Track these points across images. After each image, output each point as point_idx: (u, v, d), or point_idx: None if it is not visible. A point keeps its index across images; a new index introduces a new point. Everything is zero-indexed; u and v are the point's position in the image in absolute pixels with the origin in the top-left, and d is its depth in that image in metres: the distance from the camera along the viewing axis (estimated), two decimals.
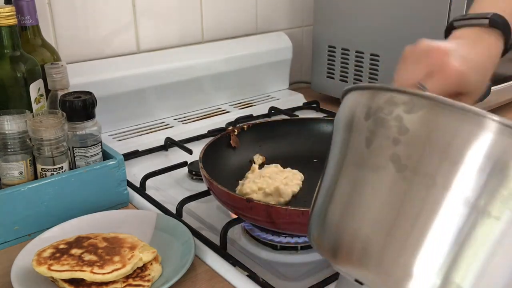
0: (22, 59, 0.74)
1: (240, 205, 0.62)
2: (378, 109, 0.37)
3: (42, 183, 0.68)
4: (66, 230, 0.66)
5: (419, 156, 0.34)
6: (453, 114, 0.34)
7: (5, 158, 0.69)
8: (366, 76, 1.13)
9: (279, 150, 0.84)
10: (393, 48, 1.06)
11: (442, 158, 0.33)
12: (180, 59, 1.07)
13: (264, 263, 0.65)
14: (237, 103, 1.19)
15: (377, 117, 0.37)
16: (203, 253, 0.65)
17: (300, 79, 1.39)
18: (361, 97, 0.39)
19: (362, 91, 0.40)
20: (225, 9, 1.18)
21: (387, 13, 1.05)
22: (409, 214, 0.34)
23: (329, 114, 1.12)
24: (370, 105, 0.38)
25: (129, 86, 1.00)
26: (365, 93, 0.39)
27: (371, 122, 0.37)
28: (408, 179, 0.34)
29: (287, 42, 1.25)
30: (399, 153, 0.35)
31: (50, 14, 0.94)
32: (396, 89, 0.37)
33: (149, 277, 0.58)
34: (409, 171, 0.34)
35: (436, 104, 0.34)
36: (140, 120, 1.05)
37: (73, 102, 0.72)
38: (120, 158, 0.75)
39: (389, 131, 0.36)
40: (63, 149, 0.71)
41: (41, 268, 0.56)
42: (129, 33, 1.05)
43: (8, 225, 0.67)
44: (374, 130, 0.37)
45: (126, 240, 0.61)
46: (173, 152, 0.95)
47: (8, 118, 0.68)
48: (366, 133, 0.37)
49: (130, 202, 0.78)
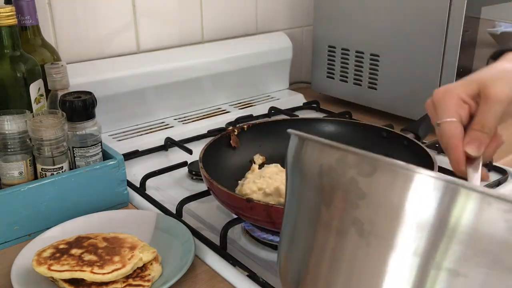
0: (22, 59, 0.74)
1: (240, 205, 0.62)
2: (331, 169, 0.36)
3: (42, 183, 0.68)
4: (66, 230, 0.66)
5: (377, 220, 0.34)
6: (400, 175, 0.33)
7: (5, 158, 0.69)
8: (366, 76, 1.13)
9: (279, 150, 0.83)
10: (393, 48, 1.06)
11: (395, 221, 0.33)
12: (180, 59, 1.07)
13: (264, 263, 0.65)
14: (237, 103, 1.19)
15: (332, 178, 0.36)
16: (203, 253, 0.65)
17: (300, 79, 1.39)
18: (312, 150, 0.39)
19: (312, 143, 0.39)
20: (225, 9, 1.18)
21: (387, 13, 1.05)
22: (366, 277, 0.35)
23: (329, 114, 1.12)
24: (321, 162, 0.37)
25: (129, 86, 1.00)
26: (315, 147, 0.39)
27: (326, 183, 0.37)
28: (370, 244, 0.34)
29: (287, 42, 1.25)
30: (360, 217, 0.35)
31: (50, 14, 0.94)
32: (345, 149, 0.36)
33: (149, 277, 0.58)
34: (371, 235, 0.34)
35: (386, 166, 0.34)
36: (140, 120, 1.06)
37: (73, 102, 0.72)
38: (120, 158, 0.75)
39: (346, 195, 0.35)
40: (63, 149, 0.71)
41: (41, 268, 0.56)
42: (129, 33, 1.05)
43: (8, 225, 0.67)
44: (330, 192, 0.37)
45: (126, 240, 0.61)
46: (173, 152, 0.95)
47: (8, 118, 0.68)
48: (323, 193, 0.37)
49: (130, 202, 0.78)
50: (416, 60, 1.02)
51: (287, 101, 1.20)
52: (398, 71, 1.06)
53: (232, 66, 1.15)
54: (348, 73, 1.17)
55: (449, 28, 0.95)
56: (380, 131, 0.80)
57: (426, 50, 1.00)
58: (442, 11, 0.95)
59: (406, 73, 1.05)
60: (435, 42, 0.98)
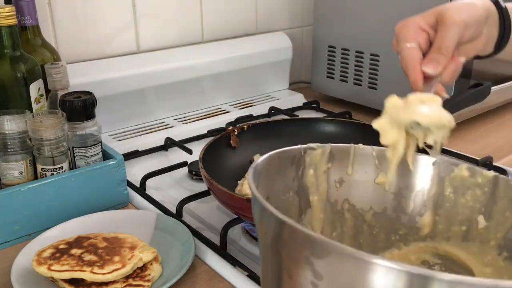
0: (22, 59, 0.74)
1: (240, 205, 0.62)
2: (286, 244, 0.35)
3: (42, 183, 0.68)
4: (66, 230, 0.66)
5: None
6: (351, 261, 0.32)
7: (5, 158, 0.69)
8: (366, 76, 1.13)
9: None
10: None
11: None
12: (180, 59, 1.07)
13: None
14: (237, 103, 1.19)
15: (290, 254, 0.35)
16: (203, 253, 0.65)
17: (300, 79, 1.39)
18: (269, 220, 0.37)
19: (269, 215, 0.36)
20: (225, 9, 1.18)
21: (387, 13, 1.05)
22: None
23: (329, 114, 1.12)
24: (277, 232, 0.36)
25: (129, 86, 1.00)
26: (269, 216, 0.37)
27: (285, 256, 0.36)
28: None
29: (287, 42, 1.25)
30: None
31: (50, 14, 0.94)
32: (295, 227, 0.34)
33: (149, 277, 0.58)
34: None
35: (336, 251, 0.32)
36: (140, 120, 1.06)
37: (73, 102, 0.72)
38: (120, 158, 0.75)
39: (306, 273, 0.34)
40: (63, 149, 0.71)
41: (41, 268, 0.56)
42: (129, 33, 1.05)
43: (8, 225, 0.67)
44: (290, 266, 0.36)
45: (126, 240, 0.61)
46: (173, 152, 0.95)
47: (8, 118, 0.68)
48: (284, 265, 0.36)
49: (130, 202, 0.78)
50: None
51: (287, 101, 1.20)
52: (398, 71, 1.05)
53: (232, 66, 1.15)
54: (348, 73, 1.17)
55: None
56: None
57: None
58: None
59: None
60: None
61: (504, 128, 1.07)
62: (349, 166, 0.51)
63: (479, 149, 0.95)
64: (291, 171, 0.49)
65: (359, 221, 0.52)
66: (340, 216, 0.52)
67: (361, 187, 0.52)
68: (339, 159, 0.51)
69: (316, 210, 0.51)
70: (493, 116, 1.11)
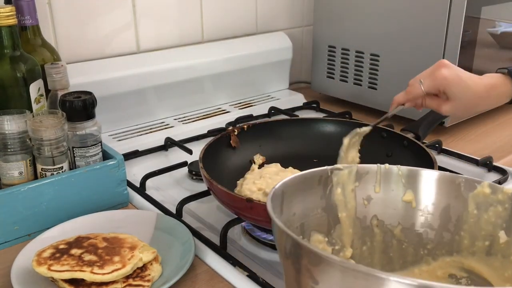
0: (22, 59, 0.74)
1: (240, 205, 0.62)
2: (290, 253, 0.40)
3: (42, 183, 0.68)
4: (66, 230, 0.66)
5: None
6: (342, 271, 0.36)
7: (5, 158, 0.69)
8: (366, 76, 1.13)
9: (279, 150, 0.84)
10: (393, 48, 1.06)
11: None
12: (180, 59, 1.07)
13: (264, 263, 0.65)
14: (237, 103, 1.19)
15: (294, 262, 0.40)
16: (203, 253, 0.65)
17: (300, 79, 1.39)
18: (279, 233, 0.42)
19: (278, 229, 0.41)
20: (225, 9, 1.18)
21: (387, 13, 1.05)
22: None
23: (329, 114, 1.12)
24: (284, 245, 0.41)
25: (129, 86, 1.00)
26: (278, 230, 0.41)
27: (290, 264, 0.40)
28: None
29: (287, 42, 1.25)
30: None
31: (50, 14, 0.94)
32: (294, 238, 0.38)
33: (149, 277, 0.58)
34: None
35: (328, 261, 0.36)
36: (140, 120, 1.06)
37: (73, 102, 0.72)
38: (120, 158, 0.75)
39: (306, 279, 0.39)
40: (63, 149, 0.71)
41: (41, 268, 0.56)
42: (129, 33, 1.05)
43: (8, 225, 0.67)
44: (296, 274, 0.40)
45: (126, 240, 0.61)
46: (173, 152, 0.95)
47: (8, 118, 0.68)
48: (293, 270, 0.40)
49: (130, 202, 0.78)
50: (416, 60, 1.02)
51: (287, 101, 1.20)
52: (398, 71, 1.06)
53: (232, 66, 1.15)
54: (348, 73, 1.17)
55: (449, 28, 0.95)
56: (380, 131, 0.80)
57: (426, 50, 1.00)
58: (442, 11, 0.95)
59: (406, 73, 1.05)
60: (435, 42, 0.98)
61: (504, 128, 1.07)
62: (376, 185, 0.54)
63: (479, 149, 0.95)
64: (319, 190, 0.52)
65: (388, 236, 0.54)
66: (369, 231, 0.54)
67: (388, 204, 0.54)
68: (366, 178, 0.54)
69: (345, 225, 0.53)
70: (493, 116, 1.11)
